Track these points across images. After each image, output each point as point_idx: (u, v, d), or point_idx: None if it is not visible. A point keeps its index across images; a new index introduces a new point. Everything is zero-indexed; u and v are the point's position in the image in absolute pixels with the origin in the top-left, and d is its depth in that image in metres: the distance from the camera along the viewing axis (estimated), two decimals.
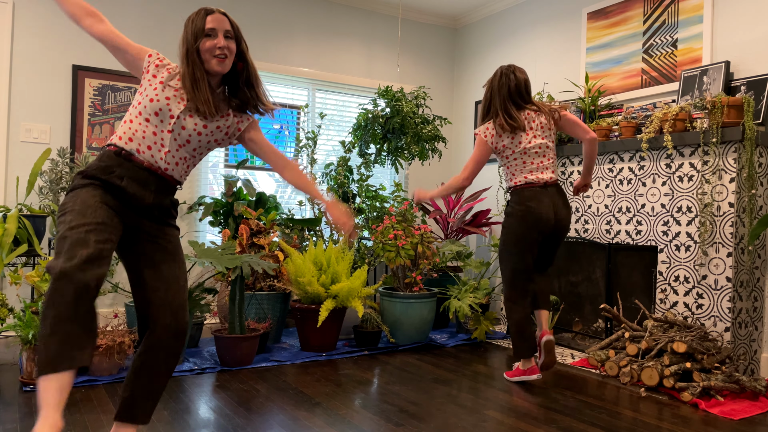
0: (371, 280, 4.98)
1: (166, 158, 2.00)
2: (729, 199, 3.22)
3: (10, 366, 3.21)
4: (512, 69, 3.09)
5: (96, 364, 3.00)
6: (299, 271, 3.68)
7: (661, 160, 3.56)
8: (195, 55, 2.02)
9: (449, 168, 5.83)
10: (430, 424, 2.50)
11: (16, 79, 4.04)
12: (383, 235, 3.96)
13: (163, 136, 1.99)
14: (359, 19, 5.33)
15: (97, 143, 4.26)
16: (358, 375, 3.24)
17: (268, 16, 4.87)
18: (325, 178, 4.63)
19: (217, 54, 2.00)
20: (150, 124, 1.99)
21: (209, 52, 2.01)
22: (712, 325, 3.27)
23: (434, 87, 5.70)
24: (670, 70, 3.90)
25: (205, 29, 2.01)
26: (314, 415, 2.58)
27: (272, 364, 3.40)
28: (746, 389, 2.91)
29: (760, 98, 3.34)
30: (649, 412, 2.71)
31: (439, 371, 3.36)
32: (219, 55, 2.00)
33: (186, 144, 2.04)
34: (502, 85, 3.07)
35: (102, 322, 4.25)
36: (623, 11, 4.22)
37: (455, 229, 4.91)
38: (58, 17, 4.16)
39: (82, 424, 2.39)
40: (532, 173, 3.06)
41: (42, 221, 3.60)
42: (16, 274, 3.26)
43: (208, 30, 2.01)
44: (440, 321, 4.60)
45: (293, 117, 5.07)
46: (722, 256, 3.24)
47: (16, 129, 4.04)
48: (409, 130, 4.42)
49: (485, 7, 5.39)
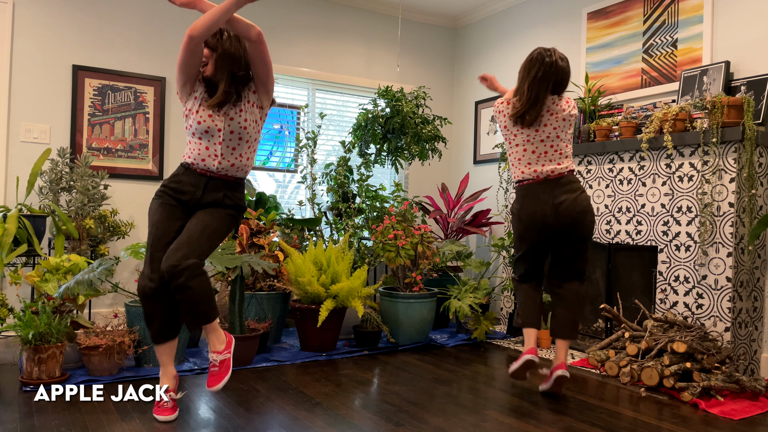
0: (371, 280, 4.98)
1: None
2: (729, 199, 3.22)
3: (10, 366, 3.21)
4: (551, 52, 2.83)
5: (96, 364, 3.00)
6: (299, 271, 3.67)
7: (661, 160, 3.56)
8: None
9: (449, 168, 5.83)
10: (430, 424, 2.50)
11: (16, 79, 4.04)
12: (383, 235, 3.96)
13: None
14: (359, 19, 5.33)
15: (97, 143, 4.26)
16: (358, 375, 3.24)
17: (268, 16, 4.87)
18: (325, 178, 4.63)
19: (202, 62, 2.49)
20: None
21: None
22: (712, 325, 3.27)
23: (434, 87, 5.70)
24: (670, 70, 3.90)
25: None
26: (314, 415, 2.58)
27: (272, 364, 3.40)
28: (746, 389, 2.91)
29: (760, 98, 3.34)
30: (649, 412, 2.71)
31: (439, 371, 3.36)
32: (203, 63, 2.49)
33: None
34: (534, 66, 2.81)
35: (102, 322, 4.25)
36: (623, 11, 4.22)
37: (455, 229, 4.91)
38: (58, 17, 4.16)
39: (82, 424, 2.39)
40: (529, 166, 2.86)
41: (42, 221, 3.60)
42: (16, 274, 3.26)
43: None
44: (440, 321, 4.60)
45: (293, 117, 5.07)
46: (722, 256, 3.24)
47: (16, 129, 4.04)
48: (409, 130, 4.42)
49: (485, 7, 5.39)
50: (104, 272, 3.05)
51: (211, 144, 2.48)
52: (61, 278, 3.18)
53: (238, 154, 2.52)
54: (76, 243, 3.79)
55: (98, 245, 3.91)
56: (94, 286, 3.00)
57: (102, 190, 3.96)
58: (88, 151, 4.23)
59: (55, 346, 2.86)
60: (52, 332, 2.86)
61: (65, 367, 3.15)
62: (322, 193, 4.82)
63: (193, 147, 2.51)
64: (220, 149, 2.48)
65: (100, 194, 3.92)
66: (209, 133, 2.47)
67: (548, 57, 2.80)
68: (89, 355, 2.99)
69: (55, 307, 3.06)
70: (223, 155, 2.49)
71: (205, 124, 2.46)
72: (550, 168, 2.85)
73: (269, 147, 4.96)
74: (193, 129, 2.49)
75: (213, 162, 2.49)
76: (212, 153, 2.49)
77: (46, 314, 2.88)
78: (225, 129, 2.48)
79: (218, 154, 2.48)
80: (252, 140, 2.57)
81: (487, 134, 5.42)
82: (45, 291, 3.10)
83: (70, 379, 2.95)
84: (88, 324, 3.24)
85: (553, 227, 2.84)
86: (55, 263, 3.23)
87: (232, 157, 2.51)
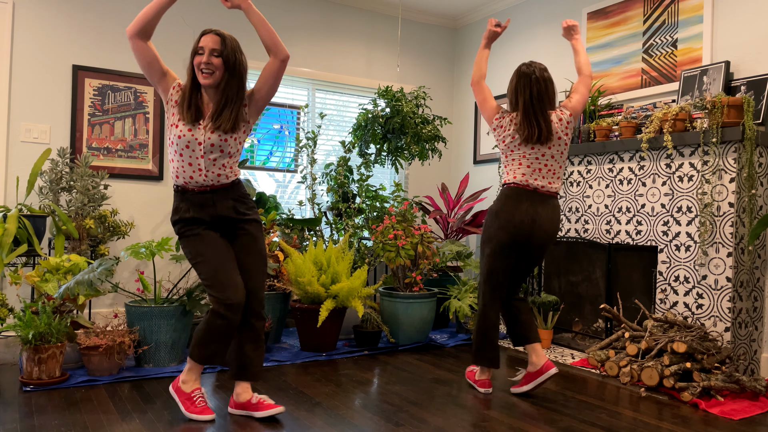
0: (371, 280, 4.98)
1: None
2: (729, 199, 3.22)
3: (10, 366, 3.21)
4: (534, 69, 2.84)
5: (96, 364, 3.00)
6: (299, 271, 3.68)
7: (661, 160, 3.56)
8: (191, 70, 2.44)
9: (449, 168, 5.83)
10: (430, 424, 2.50)
11: (16, 79, 4.04)
12: (383, 235, 3.96)
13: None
14: (359, 19, 5.33)
15: (97, 143, 4.26)
16: (358, 375, 3.24)
17: (268, 16, 4.87)
18: (325, 178, 4.63)
19: (202, 69, 2.39)
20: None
21: (197, 66, 2.41)
22: (712, 325, 3.27)
23: (434, 87, 5.70)
24: (670, 70, 3.90)
25: (197, 47, 2.41)
26: (314, 415, 2.58)
27: (272, 364, 3.40)
28: (746, 389, 2.91)
29: (760, 98, 3.34)
30: (649, 412, 2.71)
31: (439, 371, 3.36)
32: (204, 70, 2.39)
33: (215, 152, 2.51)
34: (524, 87, 2.83)
35: (102, 322, 4.25)
36: (623, 11, 4.22)
37: (455, 229, 4.91)
38: (58, 17, 4.16)
39: (82, 424, 2.39)
40: (524, 175, 2.85)
41: (42, 221, 3.60)
42: (16, 274, 3.26)
43: (199, 48, 2.40)
44: (440, 321, 4.60)
45: (293, 117, 5.07)
46: (722, 256, 3.24)
47: (16, 129, 4.04)
48: (409, 130, 4.42)
49: (485, 7, 5.39)
50: (104, 272, 3.05)
51: (194, 159, 2.44)
52: (61, 278, 3.18)
53: (221, 165, 2.47)
54: (76, 243, 3.79)
55: (98, 245, 3.91)
56: (94, 286, 3.00)
57: (102, 190, 3.96)
58: (88, 151, 4.23)
59: (55, 346, 2.86)
60: (52, 332, 2.86)
61: (65, 367, 3.15)
62: (322, 193, 4.82)
63: (178, 165, 2.47)
64: (204, 163, 2.44)
65: (100, 194, 3.92)
66: (190, 148, 2.43)
67: (533, 73, 2.83)
68: (89, 355, 2.99)
69: (55, 307, 3.06)
70: (206, 168, 2.45)
71: (185, 138, 2.42)
72: (541, 183, 2.86)
73: (269, 147, 4.96)
74: (175, 143, 2.46)
75: (200, 176, 2.46)
76: (196, 168, 2.44)
77: (46, 314, 2.88)
78: (205, 142, 2.43)
79: (202, 167, 2.44)
80: (234, 152, 2.51)
81: (487, 134, 5.42)
82: (45, 291, 3.10)
83: (70, 379, 2.95)
84: (88, 324, 3.24)
85: (525, 236, 2.83)
86: (55, 263, 3.23)
87: (215, 168, 2.46)
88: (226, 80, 2.42)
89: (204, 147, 2.43)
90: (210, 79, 2.40)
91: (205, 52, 2.38)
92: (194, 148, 2.42)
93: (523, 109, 2.83)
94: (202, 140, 2.42)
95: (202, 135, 2.43)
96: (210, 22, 4.63)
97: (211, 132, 2.43)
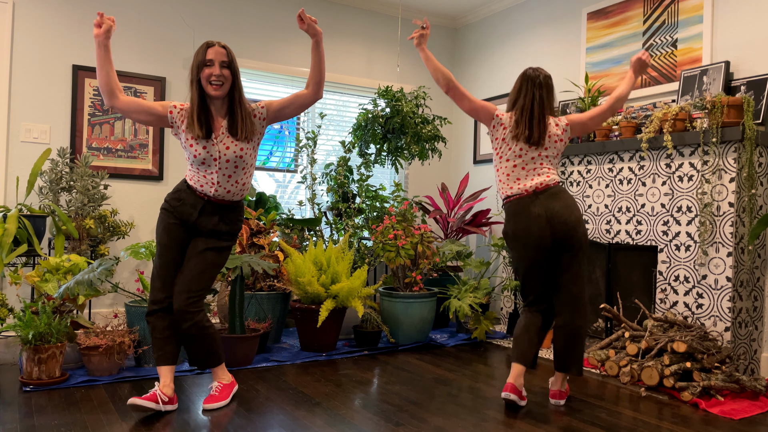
0: (371, 280, 4.98)
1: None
2: (729, 199, 3.22)
3: (10, 366, 3.21)
4: (540, 74, 2.85)
5: (96, 364, 3.00)
6: (299, 271, 3.68)
7: (661, 159, 3.56)
8: (197, 83, 2.49)
9: (449, 168, 5.83)
10: (430, 424, 2.50)
11: (16, 79, 4.04)
12: (383, 235, 3.96)
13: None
14: (359, 19, 5.33)
15: (97, 143, 4.26)
16: (358, 375, 3.24)
17: (268, 15, 4.87)
18: (325, 178, 4.63)
19: (212, 81, 2.46)
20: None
21: (206, 79, 2.47)
22: (712, 325, 3.27)
23: (434, 87, 5.70)
24: (670, 70, 3.90)
25: (205, 60, 2.46)
26: (314, 415, 2.58)
27: (272, 364, 3.40)
28: (746, 389, 2.92)
29: (759, 98, 3.34)
30: (649, 412, 2.71)
31: (439, 371, 3.36)
32: (213, 82, 2.46)
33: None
34: (528, 89, 2.84)
35: (102, 322, 4.26)
36: (623, 11, 4.22)
37: (455, 229, 4.91)
38: (58, 17, 4.17)
39: (82, 424, 2.39)
40: (519, 181, 2.80)
41: (42, 221, 3.60)
42: (16, 274, 3.26)
43: (207, 60, 2.46)
44: (440, 321, 4.60)
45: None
46: (722, 255, 3.24)
47: (16, 129, 4.04)
48: (409, 130, 4.42)
49: (485, 7, 5.39)
50: (104, 272, 3.05)
51: (209, 173, 2.55)
52: (61, 278, 3.18)
53: (234, 181, 2.59)
54: (76, 243, 3.79)
55: (98, 245, 3.92)
56: (94, 286, 3.00)
57: (102, 190, 3.96)
58: (88, 151, 4.23)
59: (55, 347, 2.86)
60: (52, 332, 2.86)
61: (65, 367, 3.15)
62: (322, 193, 4.82)
63: (193, 173, 2.59)
64: (217, 177, 2.55)
65: (100, 194, 3.92)
66: (206, 164, 2.54)
67: (538, 77, 2.85)
68: (89, 355, 2.99)
69: (55, 307, 3.06)
70: (219, 183, 2.56)
71: (200, 157, 2.52)
72: (538, 181, 2.79)
73: (269, 147, 4.96)
74: (191, 161, 2.57)
75: (210, 189, 2.57)
76: (209, 181, 2.56)
77: (46, 314, 2.88)
78: (221, 158, 2.54)
79: (215, 182, 2.56)
80: (248, 166, 2.62)
81: (486, 134, 5.41)
82: (45, 291, 3.10)
83: (70, 379, 2.95)
84: (88, 324, 3.24)
85: (550, 238, 2.75)
86: (55, 263, 3.23)
87: (228, 184, 2.58)
88: (232, 91, 2.53)
89: (220, 162, 2.53)
90: (220, 90, 2.48)
91: (215, 64, 2.46)
92: (210, 163, 2.53)
93: (524, 110, 2.84)
94: (217, 156, 2.52)
95: (217, 150, 2.52)
96: (210, 22, 4.63)
97: (231, 143, 2.53)
